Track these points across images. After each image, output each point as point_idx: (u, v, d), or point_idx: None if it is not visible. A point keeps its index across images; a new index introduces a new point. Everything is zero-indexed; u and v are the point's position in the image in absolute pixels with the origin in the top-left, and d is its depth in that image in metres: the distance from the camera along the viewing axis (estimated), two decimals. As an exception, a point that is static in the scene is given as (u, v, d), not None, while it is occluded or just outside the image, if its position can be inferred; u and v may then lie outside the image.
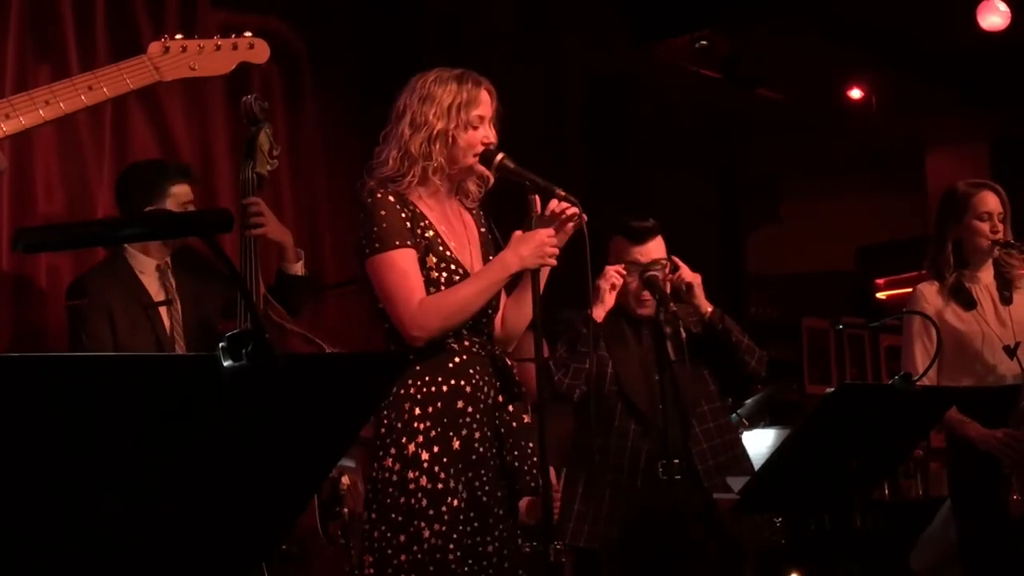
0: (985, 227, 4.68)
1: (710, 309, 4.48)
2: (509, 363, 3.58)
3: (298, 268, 4.30)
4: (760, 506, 4.17)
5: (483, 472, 3.43)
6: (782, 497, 3.98)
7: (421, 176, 3.47)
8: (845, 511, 3.88)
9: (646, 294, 4.45)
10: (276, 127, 4.47)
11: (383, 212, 3.41)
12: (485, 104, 3.54)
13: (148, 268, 4.36)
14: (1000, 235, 4.67)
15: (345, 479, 4.38)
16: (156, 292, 4.32)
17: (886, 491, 7.65)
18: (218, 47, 3.46)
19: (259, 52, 3.57)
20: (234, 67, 3.51)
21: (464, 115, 3.48)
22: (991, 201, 4.70)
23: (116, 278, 4.31)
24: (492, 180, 3.61)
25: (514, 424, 3.52)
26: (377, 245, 3.40)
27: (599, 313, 4.34)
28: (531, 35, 7.53)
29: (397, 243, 3.39)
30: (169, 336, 4.29)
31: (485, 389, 3.48)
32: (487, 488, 3.42)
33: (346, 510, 4.29)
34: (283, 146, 4.45)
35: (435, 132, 3.46)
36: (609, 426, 4.37)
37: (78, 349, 4.26)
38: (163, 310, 4.29)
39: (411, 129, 3.48)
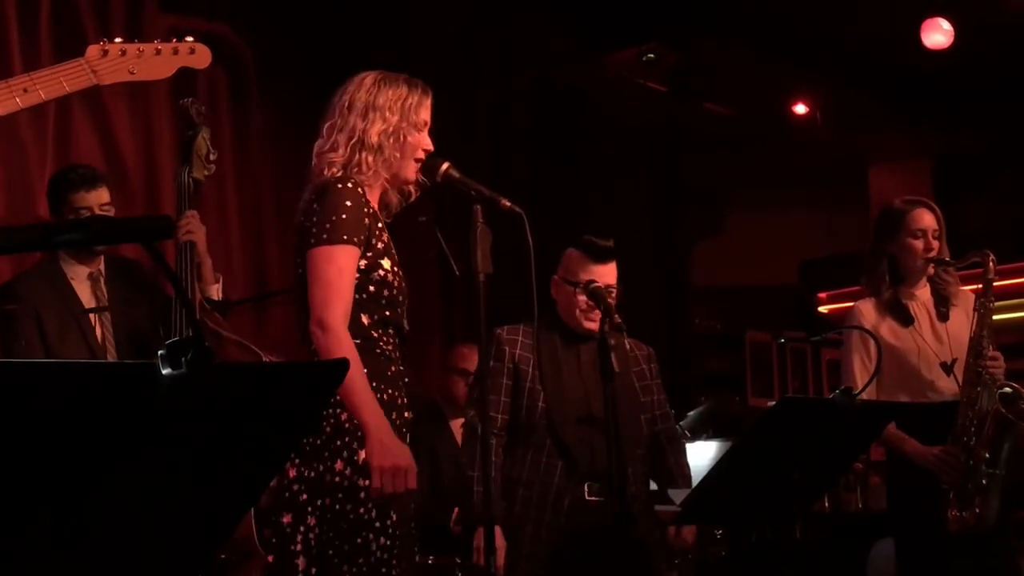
0: (919, 244, 4.71)
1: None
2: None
3: (214, 291, 4.28)
4: (701, 517, 4.18)
5: None
6: (724, 509, 3.99)
7: (371, 166, 3.40)
8: (786, 523, 3.89)
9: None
10: (222, 131, 4.46)
11: (348, 203, 3.31)
12: (429, 111, 3.51)
13: (80, 275, 4.32)
14: (934, 252, 4.70)
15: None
16: (88, 299, 4.29)
17: (827, 503, 7.71)
18: (158, 51, 3.42)
19: (200, 57, 3.53)
20: (174, 72, 3.48)
21: (414, 115, 3.44)
22: (925, 219, 4.73)
23: (48, 283, 4.27)
24: (414, 196, 3.57)
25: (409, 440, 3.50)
26: (325, 236, 3.30)
27: None
28: (479, 45, 7.55)
29: (345, 238, 3.29)
30: (101, 344, 4.25)
31: (406, 402, 3.44)
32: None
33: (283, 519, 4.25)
34: (229, 150, 4.44)
35: (391, 127, 3.40)
36: (537, 461, 4.26)
37: (9, 355, 4.21)
38: (95, 318, 4.26)
39: (364, 121, 3.40)
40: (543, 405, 4.29)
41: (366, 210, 3.35)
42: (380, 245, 3.38)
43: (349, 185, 3.34)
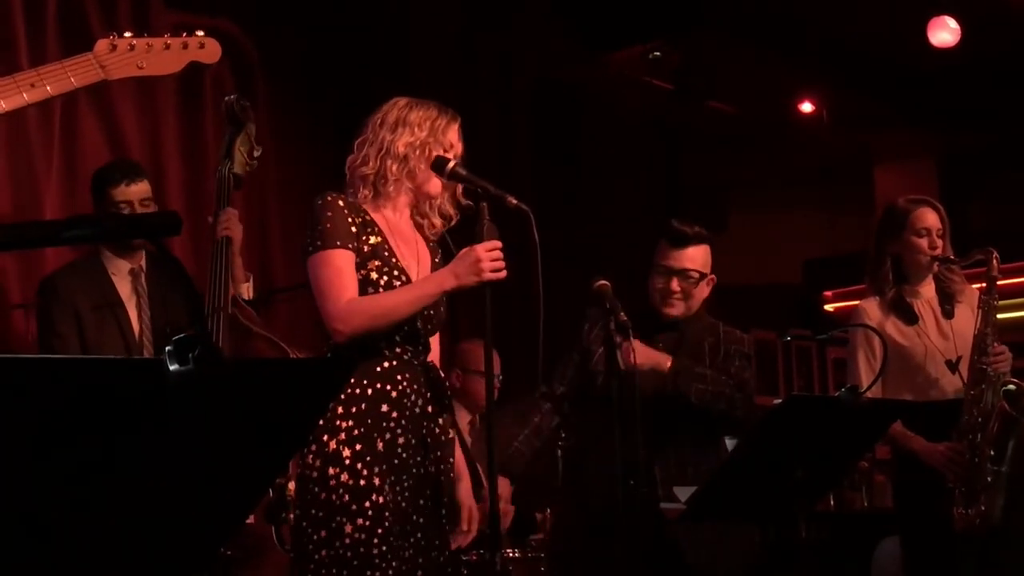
0: (923, 243, 4.71)
1: (668, 365, 4.41)
2: (442, 375, 3.66)
3: (244, 290, 4.31)
4: (706, 515, 4.17)
5: (404, 478, 3.45)
6: (728, 507, 3.99)
7: (396, 174, 3.53)
8: (790, 522, 3.89)
9: (676, 293, 4.47)
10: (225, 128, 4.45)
11: (330, 213, 3.47)
12: (456, 135, 3.63)
13: (122, 270, 4.36)
14: (939, 251, 4.70)
15: (292, 484, 4.35)
16: (127, 294, 4.33)
17: (831, 502, 7.70)
18: (167, 46, 3.41)
19: (210, 52, 3.53)
20: (183, 67, 3.47)
21: (442, 135, 3.58)
22: (930, 217, 4.73)
23: (87, 278, 4.31)
24: (456, 219, 3.67)
25: (442, 436, 3.55)
26: (319, 243, 3.45)
27: None
28: (480, 45, 7.54)
29: (338, 243, 3.44)
30: (138, 339, 4.27)
31: (412, 397, 3.50)
32: (406, 494, 3.44)
33: (292, 515, 4.26)
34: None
35: (418, 140, 3.54)
36: (598, 434, 4.32)
37: (44, 348, 4.24)
38: (132, 312, 4.29)
39: (393, 134, 3.55)
40: (600, 387, 4.40)
41: (352, 219, 3.49)
42: (367, 248, 3.49)
43: (328, 199, 3.50)
